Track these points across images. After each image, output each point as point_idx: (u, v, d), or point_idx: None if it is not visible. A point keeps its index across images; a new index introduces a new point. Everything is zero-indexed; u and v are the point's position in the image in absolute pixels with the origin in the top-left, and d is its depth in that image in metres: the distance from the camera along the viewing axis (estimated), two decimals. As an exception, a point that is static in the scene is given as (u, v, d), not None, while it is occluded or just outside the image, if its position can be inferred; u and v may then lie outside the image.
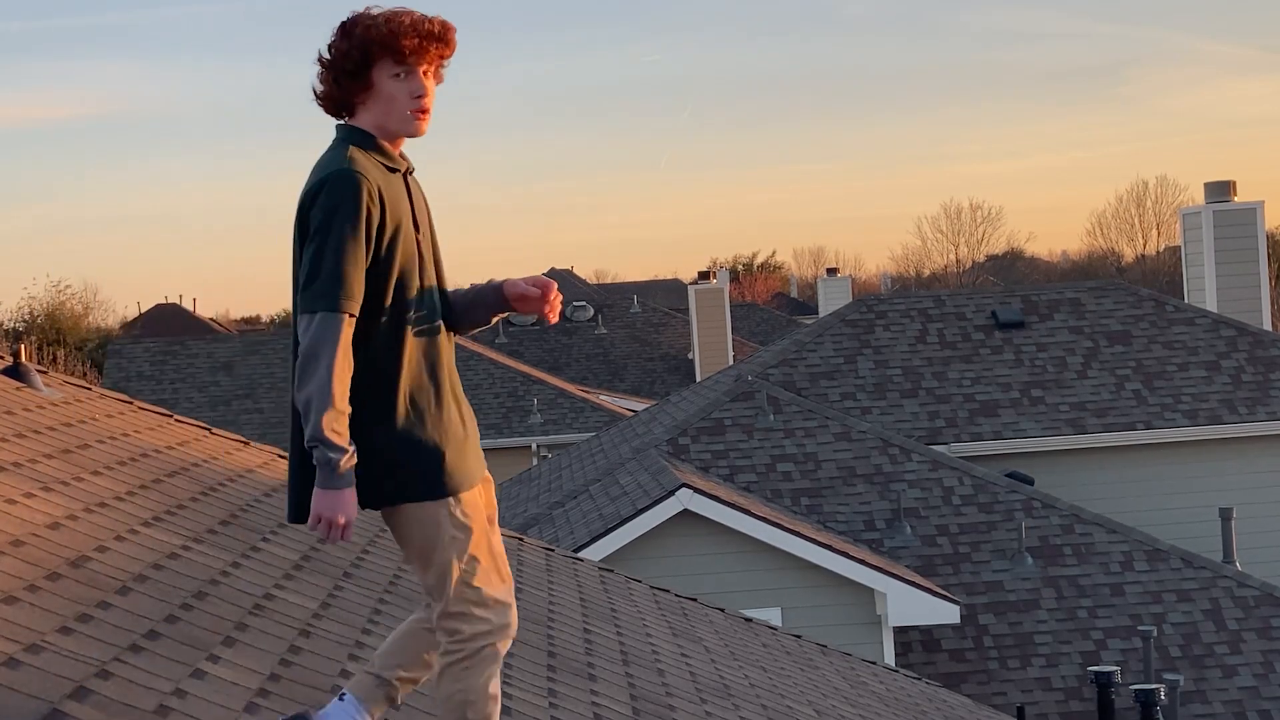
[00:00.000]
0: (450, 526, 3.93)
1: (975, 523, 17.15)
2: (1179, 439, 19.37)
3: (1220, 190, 23.76)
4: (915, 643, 15.82)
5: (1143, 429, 19.38)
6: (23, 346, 8.63)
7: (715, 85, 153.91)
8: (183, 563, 5.52)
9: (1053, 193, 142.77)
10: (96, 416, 7.66)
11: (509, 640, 4.06)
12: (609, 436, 21.90)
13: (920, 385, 20.08)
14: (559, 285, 4.62)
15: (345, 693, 4.10)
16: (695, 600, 10.27)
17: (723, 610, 10.27)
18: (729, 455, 17.78)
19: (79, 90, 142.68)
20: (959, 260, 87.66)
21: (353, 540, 7.24)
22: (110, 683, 3.96)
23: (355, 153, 3.87)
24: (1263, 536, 18.90)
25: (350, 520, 3.79)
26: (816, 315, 59.29)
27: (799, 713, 7.93)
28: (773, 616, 14.07)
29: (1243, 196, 23.81)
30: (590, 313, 47.59)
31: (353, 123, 3.95)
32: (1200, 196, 24.33)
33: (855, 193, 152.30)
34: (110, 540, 5.40)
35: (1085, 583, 16.50)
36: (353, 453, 3.77)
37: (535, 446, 31.97)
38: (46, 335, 56.27)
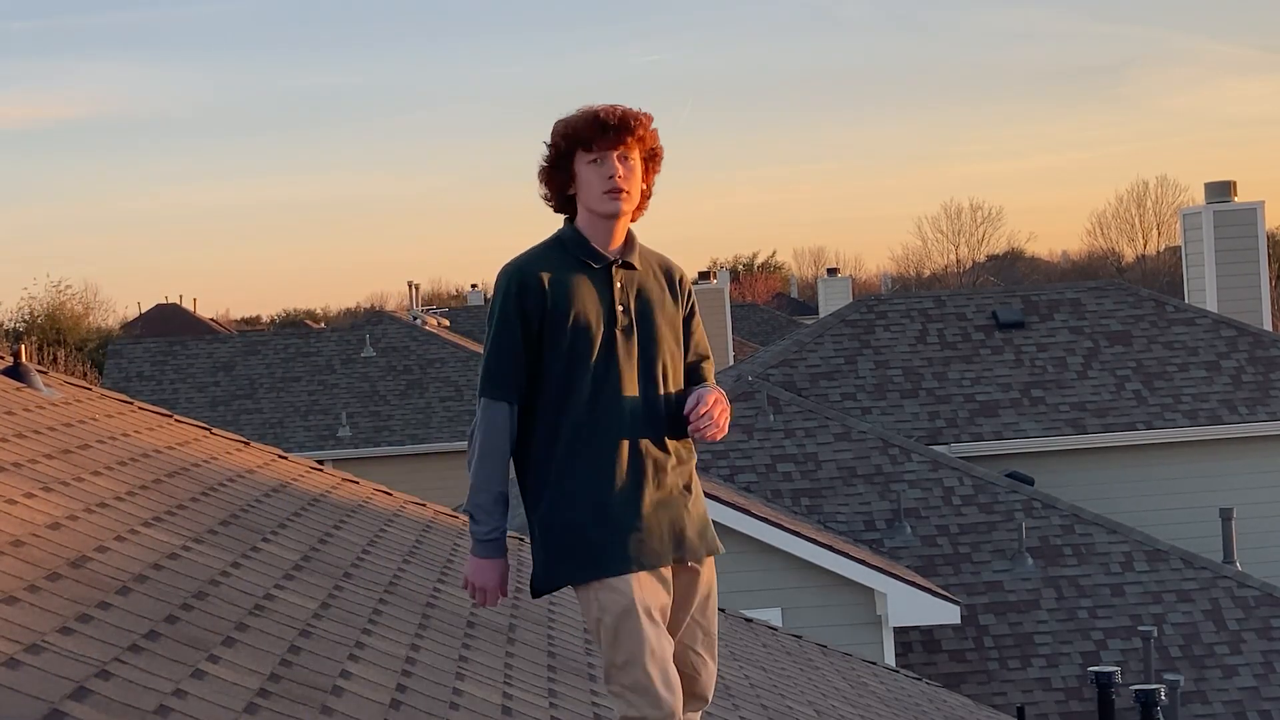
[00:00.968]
0: (596, 609, 4.14)
1: (975, 523, 17.15)
2: (1179, 439, 19.37)
3: (1220, 190, 23.75)
4: (915, 643, 15.81)
5: (1143, 429, 19.38)
6: (23, 346, 8.63)
7: (715, 84, 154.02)
8: (183, 563, 5.52)
9: (1053, 193, 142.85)
10: (96, 416, 7.65)
11: None
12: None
13: (920, 385, 20.08)
14: None
15: None
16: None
17: (723, 610, 10.26)
18: (729, 455, 17.77)
19: (79, 90, 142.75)
20: (959, 260, 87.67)
21: (353, 541, 7.24)
22: (110, 683, 3.96)
23: (544, 246, 4.28)
24: (1263, 536, 18.90)
25: (490, 588, 4.26)
26: (817, 315, 59.28)
27: (799, 713, 7.93)
28: (773, 617, 14.07)
29: (1243, 196, 23.80)
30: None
31: (575, 219, 4.31)
32: (1200, 196, 24.33)
33: (856, 193, 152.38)
34: (110, 540, 5.40)
35: (1085, 583, 16.50)
36: (494, 529, 4.23)
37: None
38: (46, 335, 56.26)
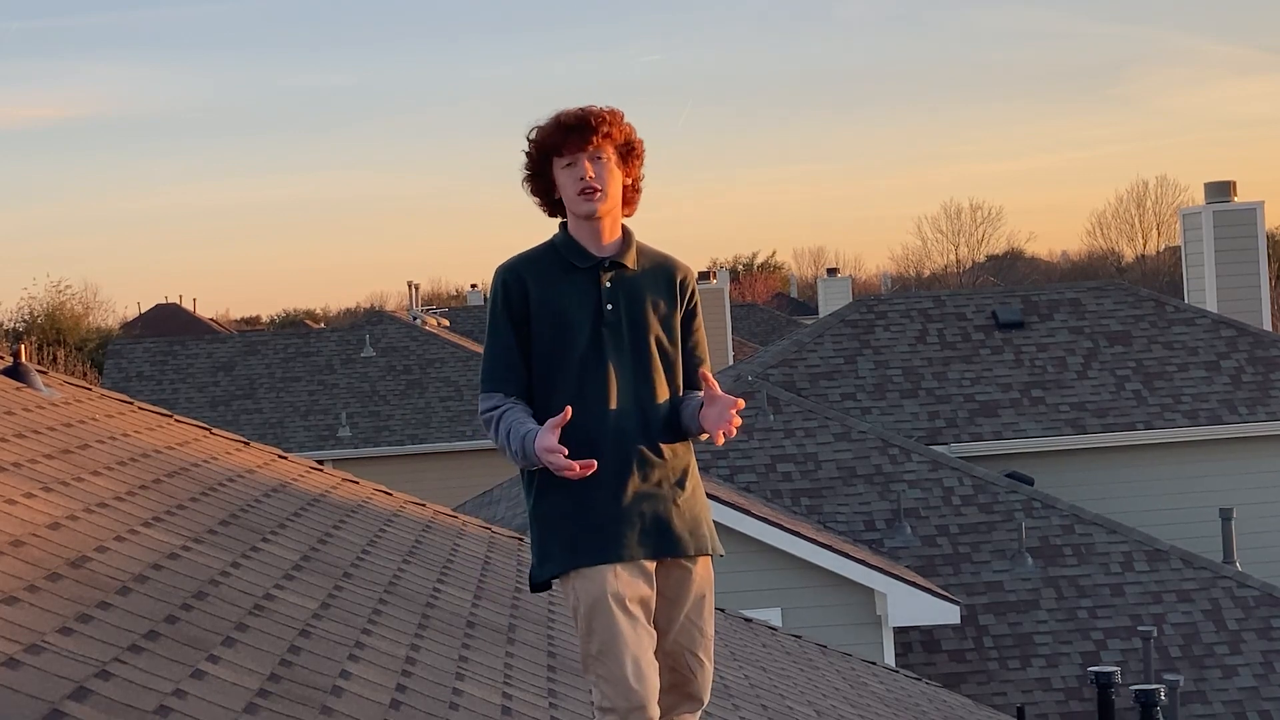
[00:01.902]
0: (573, 599, 4.22)
1: (975, 523, 17.15)
2: (1179, 439, 19.37)
3: (1220, 190, 23.75)
4: (915, 643, 15.81)
5: (1143, 429, 19.38)
6: (23, 346, 8.63)
7: (714, 84, 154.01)
8: (183, 563, 5.52)
9: (1053, 193, 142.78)
10: (96, 416, 7.66)
11: None
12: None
13: (920, 385, 20.08)
14: None
15: None
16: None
17: (722, 610, 10.26)
18: (729, 455, 17.78)
19: (79, 90, 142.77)
20: (959, 260, 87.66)
21: (353, 541, 7.24)
22: (110, 683, 3.96)
23: (536, 248, 4.36)
24: (1263, 536, 18.90)
25: (552, 449, 4.09)
26: (816, 315, 59.30)
27: (799, 713, 7.94)
28: (773, 617, 14.07)
29: (1243, 196, 23.79)
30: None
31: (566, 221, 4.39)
32: (1200, 196, 24.33)
33: (855, 193, 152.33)
34: (110, 540, 5.40)
35: (1085, 583, 16.50)
36: (521, 440, 4.17)
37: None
38: (46, 335, 56.25)
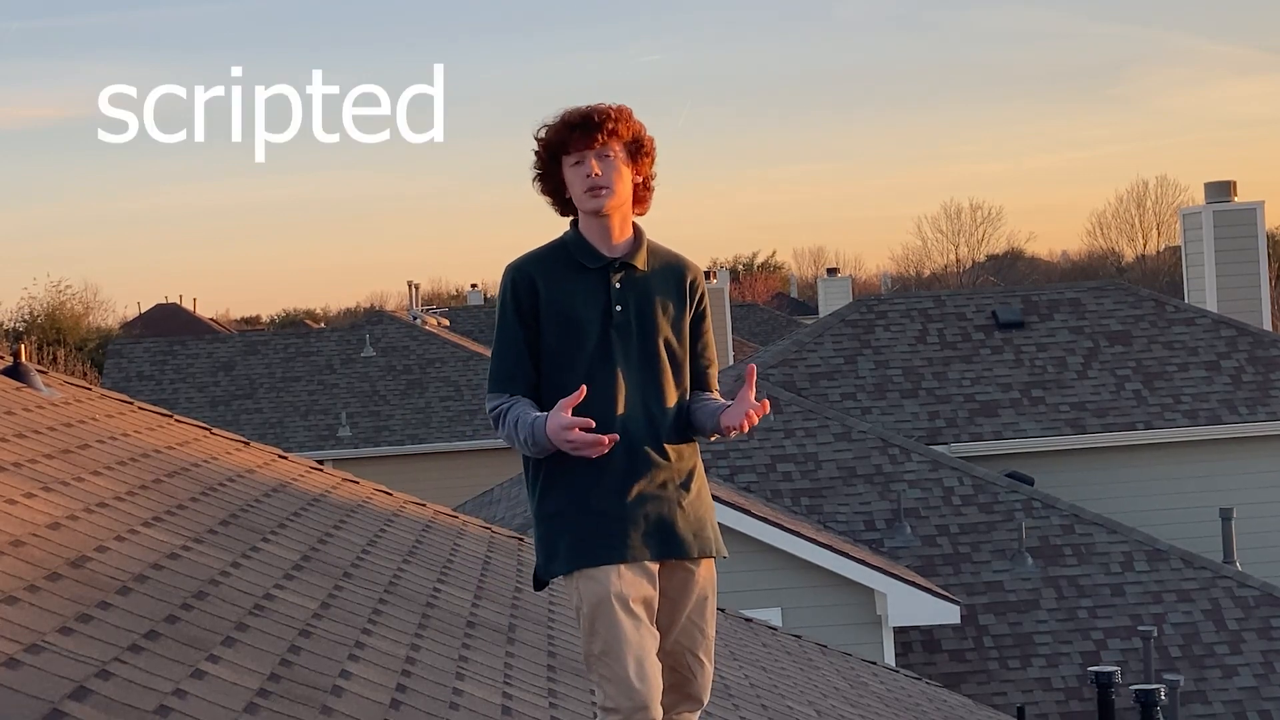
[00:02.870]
0: (576, 599, 4.22)
1: (975, 523, 17.15)
2: (1179, 439, 19.37)
3: (1220, 190, 23.75)
4: (915, 643, 15.82)
5: (1143, 429, 19.38)
6: (23, 346, 8.63)
7: (714, 84, 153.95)
8: (183, 563, 5.52)
9: (1053, 193, 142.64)
10: (96, 416, 7.66)
11: None
12: (609, 436, 21.88)
13: (920, 385, 20.08)
14: None
15: None
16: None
17: (723, 610, 10.26)
18: (729, 455, 17.78)
19: (78, 90, 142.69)
20: (959, 260, 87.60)
21: (353, 541, 7.24)
22: (110, 683, 3.96)
23: (545, 247, 4.36)
24: (1263, 536, 18.89)
25: (569, 425, 4.08)
26: (816, 315, 59.27)
27: (799, 713, 7.94)
28: (773, 617, 14.07)
29: (1243, 196, 23.78)
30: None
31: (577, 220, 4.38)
32: (1200, 196, 24.33)
33: (855, 193, 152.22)
34: (110, 540, 5.40)
35: (1085, 583, 16.50)
36: (528, 426, 4.17)
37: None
38: (46, 335, 56.23)
